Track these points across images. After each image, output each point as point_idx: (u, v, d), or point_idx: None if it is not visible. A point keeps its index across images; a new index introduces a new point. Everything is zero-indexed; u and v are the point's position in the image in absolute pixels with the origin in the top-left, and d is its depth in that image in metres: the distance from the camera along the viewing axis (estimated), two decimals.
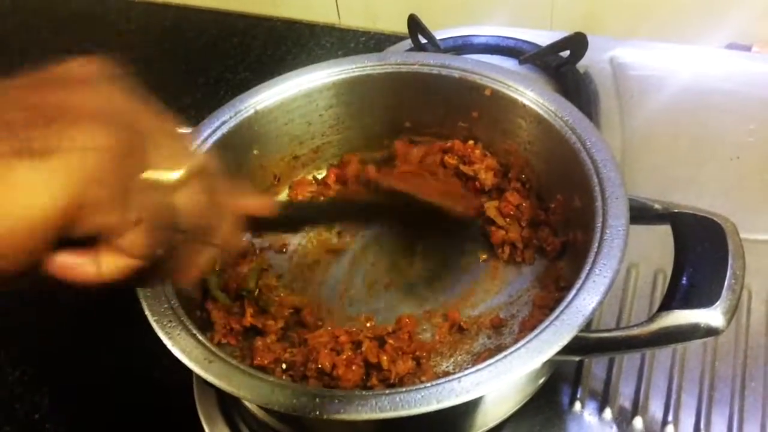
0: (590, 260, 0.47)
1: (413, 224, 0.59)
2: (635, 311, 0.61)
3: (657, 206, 0.51)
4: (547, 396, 0.55)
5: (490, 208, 0.63)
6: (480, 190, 0.66)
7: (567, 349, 0.42)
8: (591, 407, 0.55)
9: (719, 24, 0.90)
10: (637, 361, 0.58)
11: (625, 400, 0.55)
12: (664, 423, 0.54)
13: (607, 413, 0.55)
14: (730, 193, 0.70)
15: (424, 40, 0.88)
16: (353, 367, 0.53)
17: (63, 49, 1.18)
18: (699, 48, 0.87)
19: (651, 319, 0.44)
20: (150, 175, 0.30)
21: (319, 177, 0.72)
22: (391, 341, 0.54)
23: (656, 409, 0.55)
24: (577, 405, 0.55)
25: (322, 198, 0.70)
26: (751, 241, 0.62)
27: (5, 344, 0.74)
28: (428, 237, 0.64)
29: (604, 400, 0.55)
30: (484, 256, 0.63)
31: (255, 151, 0.66)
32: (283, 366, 0.55)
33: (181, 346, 0.45)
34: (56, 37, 1.24)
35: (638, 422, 0.54)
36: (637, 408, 0.55)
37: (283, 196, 0.71)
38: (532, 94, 0.60)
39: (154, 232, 0.31)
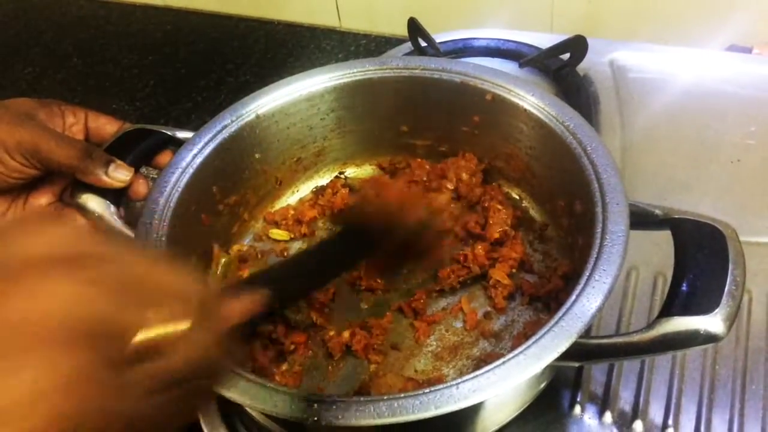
0: (590, 266, 0.47)
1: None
2: (635, 314, 0.61)
3: (657, 212, 0.51)
4: (547, 400, 0.55)
5: (497, 272, 0.61)
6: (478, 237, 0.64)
7: (566, 355, 0.42)
8: (591, 411, 0.55)
9: (719, 26, 0.90)
10: (637, 364, 0.58)
11: (625, 404, 0.55)
12: (665, 426, 0.54)
13: (608, 417, 0.55)
14: (731, 195, 0.70)
15: (424, 43, 0.88)
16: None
17: (65, 54, 1.19)
18: (699, 50, 0.87)
19: (651, 325, 0.44)
20: (145, 339, 0.27)
21: (321, 184, 0.73)
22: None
23: (656, 412, 0.55)
24: (578, 409, 0.55)
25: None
26: (752, 244, 0.62)
27: None
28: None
29: (604, 403, 0.56)
30: None
31: (257, 155, 0.66)
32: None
33: None
34: (59, 42, 1.24)
35: (638, 426, 0.54)
36: (637, 411, 0.55)
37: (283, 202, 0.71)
38: (533, 99, 0.60)
39: (152, 393, 0.27)
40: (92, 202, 0.58)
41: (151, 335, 0.27)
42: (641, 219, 0.51)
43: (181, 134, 0.64)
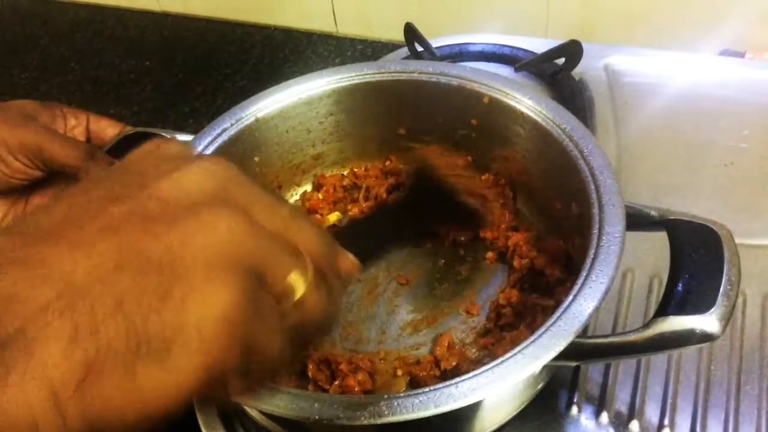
0: (587, 266, 0.47)
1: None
2: (631, 316, 0.62)
3: (653, 213, 0.52)
4: (544, 400, 0.55)
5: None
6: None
7: (563, 355, 0.43)
8: (588, 411, 0.56)
9: (713, 31, 0.91)
10: (633, 365, 0.58)
11: (622, 404, 0.56)
12: (660, 427, 0.54)
13: (604, 417, 0.55)
14: (725, 198, 0.71)
15: (420, 48, 0.89)
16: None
17: (62, 59, 1.19)
18: (693, 55, 0.88)
19: (647, 325, 0.44)
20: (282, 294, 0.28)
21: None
22: None
23: (652, 413, 0.55)
24: (574, 409, 0.56)
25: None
26: (746, 246, 0.63)
27: None
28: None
29: (600, 404, 0.56)
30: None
31: (256, 158, 0.67)
32: None
33: None
34: (56, 46, 1.24)
35: (635, 426, 0.54)
36: (633, 412, 0.55)
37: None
38: (530, 102, 0.61)
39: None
40: None
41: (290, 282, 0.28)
42: (637, 220, 0.52)
43: (181, 137, 0.64)
